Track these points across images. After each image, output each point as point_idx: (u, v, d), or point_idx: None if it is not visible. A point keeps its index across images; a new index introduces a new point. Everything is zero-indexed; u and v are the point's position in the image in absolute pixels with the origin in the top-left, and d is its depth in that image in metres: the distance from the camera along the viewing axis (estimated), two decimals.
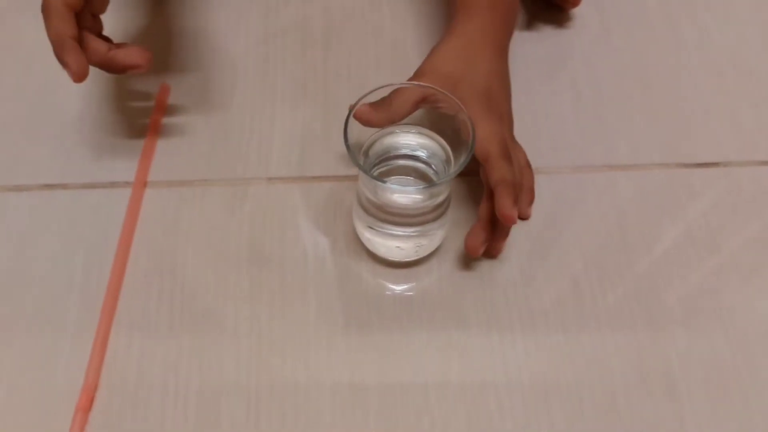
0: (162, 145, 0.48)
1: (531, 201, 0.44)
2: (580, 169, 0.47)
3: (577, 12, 0.55)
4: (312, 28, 0.55)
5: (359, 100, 0.37)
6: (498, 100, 0.42)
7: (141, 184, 0.45)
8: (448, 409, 0.38)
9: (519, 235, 0.44)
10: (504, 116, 0.43)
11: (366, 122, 0.38)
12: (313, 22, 0.55)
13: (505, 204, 0.38)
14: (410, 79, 0.41)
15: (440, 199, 0.39)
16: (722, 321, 0.41)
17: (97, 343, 0.39)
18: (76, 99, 0.49)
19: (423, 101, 0.39)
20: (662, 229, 0.45)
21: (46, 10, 0.37)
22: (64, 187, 0.46)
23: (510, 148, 0.41)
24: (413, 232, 0.41)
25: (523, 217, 0.44)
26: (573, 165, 0.47)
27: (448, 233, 0.43)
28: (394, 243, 0.41)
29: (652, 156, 0.48)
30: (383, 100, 0.39)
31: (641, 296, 0.42)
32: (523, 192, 0.43)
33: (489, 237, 0.41)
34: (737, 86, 0.52)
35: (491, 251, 0.42)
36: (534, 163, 0.45)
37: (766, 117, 0.50)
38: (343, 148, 0.36)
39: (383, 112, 0.39)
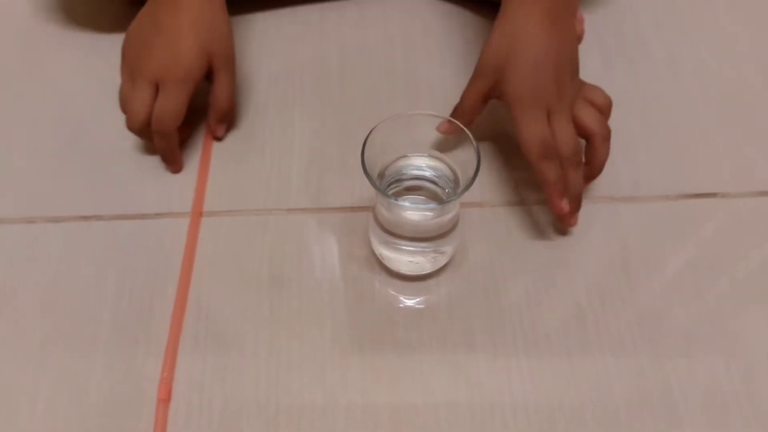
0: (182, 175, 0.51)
1: (577, 207, 0.45)
2: (585, 200, 0.49)
3: (579, 49, 0.57)
4: (328, 64, 0.58)
5: (371, 132, 0.40)
6: (545, 89, 0.43)
7: (197, 214, 0.49)
8: (457, 430, 0.40)
9: (526, 261, 0.46)
10: (553, 103, 0.43)
11: (448, 132, 0.41)
12: (329, 58, 0.58)
13: (553, 201, 0.44)
14: (469, 82, 0.46)
15: (449, 216, 0.42)
16: (722, 347, 0.43)
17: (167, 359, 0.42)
18: (108, 137, 0.53)
19: (488, 97, 0.45)
20: (663, 258, 0.47)
21: (159, 131, 0.48)
22: (98, 218, 0.49)
23: (564, 133, 0.43)
24: (425, 247, 0.43)
25: (569, 224, 0.47)
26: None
27: (457, 249, 0.46)
28: (407, 258, 0.44)
29: (654, 187, 0.50)
30: (456, 110, 0.45)
31: (643, 322, 0.44)
32: (570, 200, 0.44)
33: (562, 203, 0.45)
34: (735, 119, 0.54)
35: (568, 222, 0.46)
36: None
37: (763, 148, 0.52)
38: (359, 178, 0.39)
39: (462, 118, 0.43)
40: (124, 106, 0.49)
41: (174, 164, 0.50)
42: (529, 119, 0.43)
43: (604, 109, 0.46)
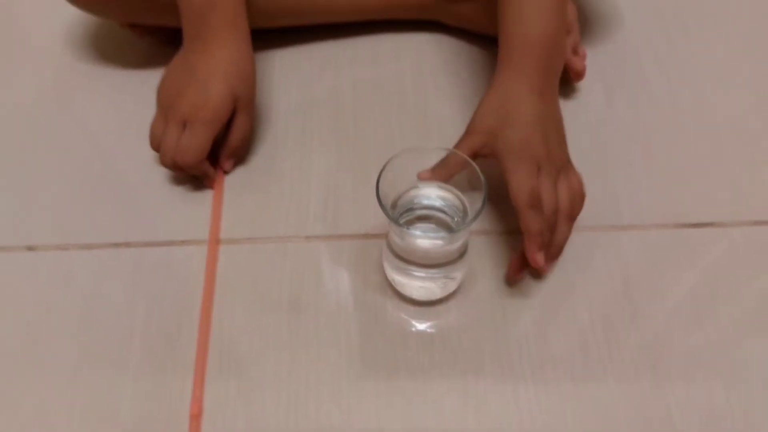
0: (202, 203, 0.54)
1: (555, 256, 0.47)
2: (587, 229, 0.51)
3: (582, 84, 0.60)
4: (343, 99, 0.61)
5: (385, 165, 0.43)
6: (535, 147, 0.46)
7: (214, 241, 0.51)
8: None
9: (531, 288, 0.49)
10: (542, 161, 0.46)
11: (428, 179, 0.44)
12: (343, 93, 0.61)
13: (530, 251, 0.44)
14: (461, 138, 0.47)
15: (458, 244, 0.44)
16: (721, 374, 0.45)
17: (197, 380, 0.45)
18: (135, 169, 0.56)
19: (477, 154, 0.46)
20: (663, 285, 0.49)
21: (185, 166, 0.52)
22: (127, 245, 0.52)
23: (549, 191, 0.45)
24: (435, 273, 0.46)
25: (540, 271, 0.48)
26: (580, 225, 0.51)
27: (466, 275, 0.48)
28: (418, 283, 0.47)
29: (653, 217, 0.52)
30: (440, 163, 0.45)
31: (644, 349, 0.46)
32: (551, 246, 0.46)
33: (524, 266, 0.47)
34: (731, 151, 0.56)
35: (535, 273, 0.48)
36: None
37: (758, 179, 0.54)
38: (372, 207, 0.41)
39: (440, 173, 0.45)
40: (156, 143, 0.52)
41: (210, 183, 0.55)
42: (520, 170, 0.44)
43: (577, 197, 0.48)
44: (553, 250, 0.47)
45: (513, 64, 0.47)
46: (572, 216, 0.47)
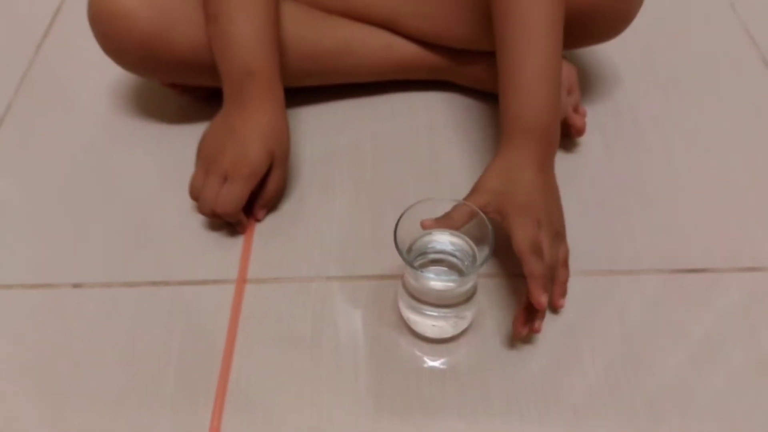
0: (233, 245, 0.59)
1: (563, 293, 0.52)
2: (588, 273, 0.55)
3: (583, 139, 0.65)
4: (363, 150, 0.66)
5: (402, 214, 0.47)
6: (537, 209, 0.50)
7: (241, 280, 0.56)
8: None
9: (542, 334, 0.52)
10: (543, 221, 0.50)
11: (430, 228, 0.49)
12: (363, 145, 0.67)
13: (534, 293, 0.47)
14: (467, 196, 0.52)
15: (468, 286, 0.48)
16: (718, 417, 0.47)
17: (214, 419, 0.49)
18: (172, 214, 0.61)
19: (473, 216, 0.50)
20: (659, 328, 0.52)
21: (224, 215, 0.57)
22: (165, 284, 0.57)
23: (548, 247, 0.49)
24: (447, 312, 0.50)
25: (556, 306, 0.52)
26: (582, 269, 0.55)
27: (476, 315, 0.52)
28: (431, 322, 0.51)
29: (650, 262, 0.56)
30: (445, 215, 0.49)
31: (644, 390, 0.49)
32: (556, 285, 0.51)
33: (529, 319, 0.50)
34: (723, 200, 0.61)
35: (533, 329, 0.50)
36: None
37: (748, 227, 0.58)
38: (389, 250, 0.46)
39: (444, 224, 0.49)
40: (196, 194, 0.57)
41: (243, 229, 0.60)
42: (523, 224, 0.48)
43: (563, 268, 0.52)
44: (561, 288, 0.51)
45: (515, 142, 0.52)
46: (564, 281, 0.51)
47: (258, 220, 0.61)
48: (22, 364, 0.52)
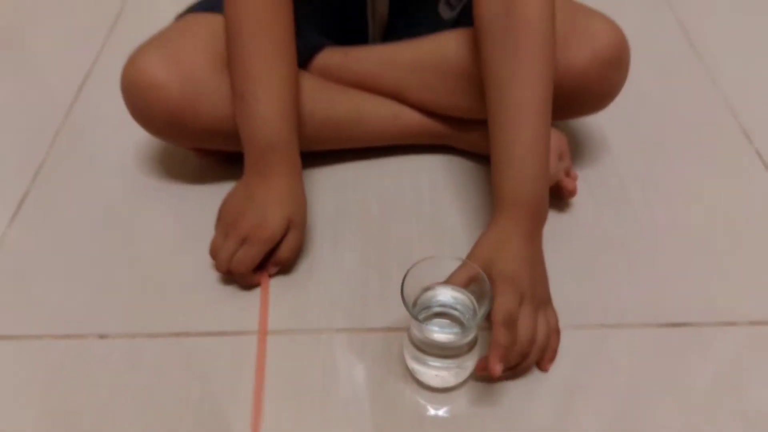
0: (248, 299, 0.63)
1: (552, 359, 0.56)
2: (580, 327, 0.59)
3: (573, 201, 0.71)
4: (370, 208, 0.71)
5: (408, 270, 0.52)
6: (521, 280, 0.53)
7: (263, 332, 0.60)
8: None
9: (534, 381, 0.56)
10: (526, 294, 0.53)
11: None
12: (370, 204, 0.72)
13: (491, 361, 0.49)
14: (462, 264, 0.55)
15: (469, 338, 0.52)
16: None
17: None
18: (193, 268, 0.66)
19: (472, 279, 0.54)
20: (647, 380, 0.56)
21: (237, 274, 0.61)
22: (186, 334, 0.60)
23: (527, 318, 0.53)
24: (449, 363, 0.53)
25: (543, 370, 0.56)
26: (573, 323, 0.60)
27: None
28: (434, 372, 0.54)
29: (637, 317, 0.60)
30: (450, 277, 0.53)
31: None
32: (548, 351, 0.55)
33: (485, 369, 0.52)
34: (703, 258, 0.65)
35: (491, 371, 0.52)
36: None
37: (727, 284, 0.63)
38: (394, 303, 0.50)
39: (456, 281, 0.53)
40: (215, 254, 0.62)
41: (250, 287, 0.63)
42: (505, 294, 0.51)
43: (553, 332, 0.56)
44: (551, 354, 0.55)
45: (506, 214, 0.56)
46: (545, 347, 0.55)
47: (270, 276, 0.64)
48: (49, 412, 0.55)
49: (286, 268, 0.65)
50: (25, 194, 0.74)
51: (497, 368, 0.49)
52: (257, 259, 0.61)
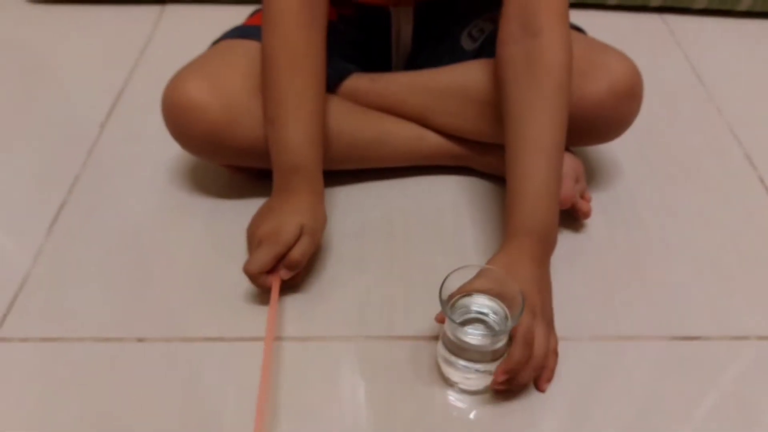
0: (279, 308, 0.66)
1: (549, 379, 0.59)
2: (595, 339, 0.62)
3: (588, 221, 0.74)
4: (394, 226, 0.75)
5: (449, 275, 0.55)
6: (533, 298, 0.57)
7: (270, 339, 0.62)
8: None
9: (552, 389, 0.58)
10: (537, 312, 0.56)
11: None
12: (394, 220, 0.75)
13: (499, 372, 0.54)
14: (472, 280, 0.57)
15: (501, 343, 0.55)
16: None
17: None
18: (227, 279, 0.69)
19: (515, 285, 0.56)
20: (659, 391, 0.58)
21: (246, 273, 0.63)
22: (221, 339, 0.63)
23: (542, 335, 0.56)
24: (480, 367, 0.56)
25: (540, 391, 0.58)
26: (589, 335, 0.63)
27: None
28: (465, 375, 0.57)
29: (650, 329, 0.64)
30: (469, 283, 0.57)
31: None
32: (546, 370, 0.58)
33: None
34: (712, 275, 0.69)
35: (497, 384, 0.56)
36: (558, 332, 0.60)
37: (736, 301, 0.66)
38: (420, 314, 0.54)
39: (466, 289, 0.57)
40: (246, 265, 0.64)
41: (263, 289, 0.65)
42: (525, 312, 0.55)
43: (554, 354, 0.59)
44: (549, 374, 0.58)
45: (517, 241, 0.60)
46: (552, 369, 0.58)
47: (282, 279, 0.65)
48: (89, 411, 0.58)
49: (296, 271, 0.65)
50: (62, 206, 0.78)
51: (500, 379, 0.54)
52: (265, 261, 0.62)
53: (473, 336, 0.55)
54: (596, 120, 0.69)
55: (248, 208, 0.70)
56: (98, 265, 0.71)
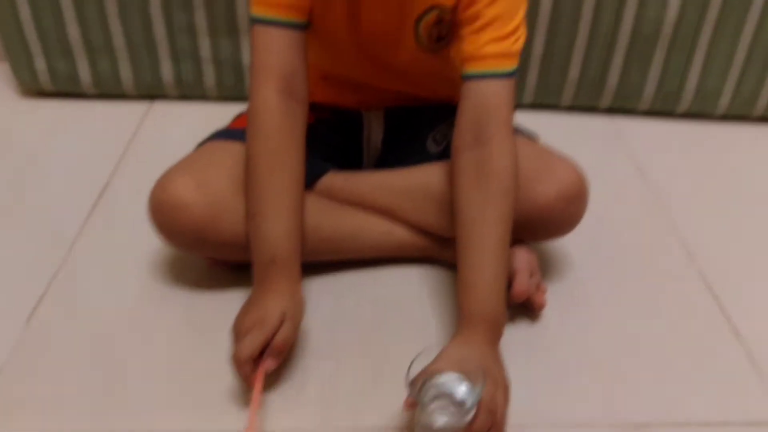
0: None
1: None
2: (550, 426, 0.66)
3: (543, 312, 0.80)
4: (365, 313, 0.79)
5: (412, 361, 0.59)
6: (492, 371, 0.62)
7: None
8: None
9: None
10: (499, 382, 0.62)
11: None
12: (365, 308, 0.80)
13: None
14: (432, 363, 0.62)
15: (468, 417, 0.58)
16: None
17: None
18: (206, 368, 0.72)
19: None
20: None
21: (233, 361, 0.65)
22: None
23: (500, 404, 0.61)
24: None
25: None
26: (545, 422, 0.67)
27: None
28: None
29: (602, 417, 0.68)
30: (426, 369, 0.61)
31: None
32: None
33: None
34: (660, 364, 0.74)
35: None
36: (515, 420, 0.64)
37: (681, 387, 0.72)
38: (390, 401, 0.58)
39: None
40: (235, 353, 0.66)
41: (248, 384, 0.66)
42: (488, 383, 0.60)
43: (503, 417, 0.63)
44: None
45: (471, 327, 0.67)
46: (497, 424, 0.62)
47: (267, 371, 0.67)
48: None
49: (281, 359, 0.68)
50: (40, 299, 0.80)
51: None
52: (257, 344, 0.64)
53: (442, 416, 0.58)
54: (547, 220, 0.77)
55: (225, 298, 0.74)
56: (74, 358, 0.73)
